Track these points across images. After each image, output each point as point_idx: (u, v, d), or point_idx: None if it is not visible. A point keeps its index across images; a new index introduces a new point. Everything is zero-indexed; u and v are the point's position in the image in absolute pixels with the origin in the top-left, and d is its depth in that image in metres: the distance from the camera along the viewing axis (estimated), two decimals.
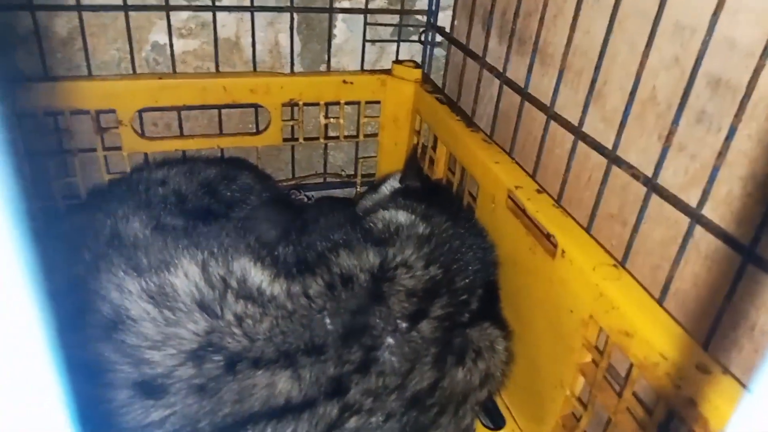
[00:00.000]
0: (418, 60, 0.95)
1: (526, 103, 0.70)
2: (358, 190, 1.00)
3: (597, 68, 0.59)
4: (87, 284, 0.54)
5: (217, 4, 0.83)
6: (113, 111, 0.81)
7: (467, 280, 0.61)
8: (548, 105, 0.65)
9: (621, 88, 0.57)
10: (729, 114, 0.46)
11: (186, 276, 0.53)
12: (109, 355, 0.49)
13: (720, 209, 0.48)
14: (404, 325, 0.55)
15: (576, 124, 0.61)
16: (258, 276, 0.55)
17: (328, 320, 0.53)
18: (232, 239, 0.60)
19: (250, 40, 0.86)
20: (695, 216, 0.48)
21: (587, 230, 0.59)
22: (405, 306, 0.56)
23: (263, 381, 0.49)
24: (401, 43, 0.95)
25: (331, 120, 0.91)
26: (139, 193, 0.69)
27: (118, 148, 0.83)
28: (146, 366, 0.48)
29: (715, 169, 0.47)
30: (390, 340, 0.54)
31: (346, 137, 0.94)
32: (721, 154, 0.46)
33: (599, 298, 0.51)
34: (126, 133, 0.82)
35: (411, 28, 0.94)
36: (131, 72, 0.84)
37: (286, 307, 0.52)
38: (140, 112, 0.85)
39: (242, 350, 0.49)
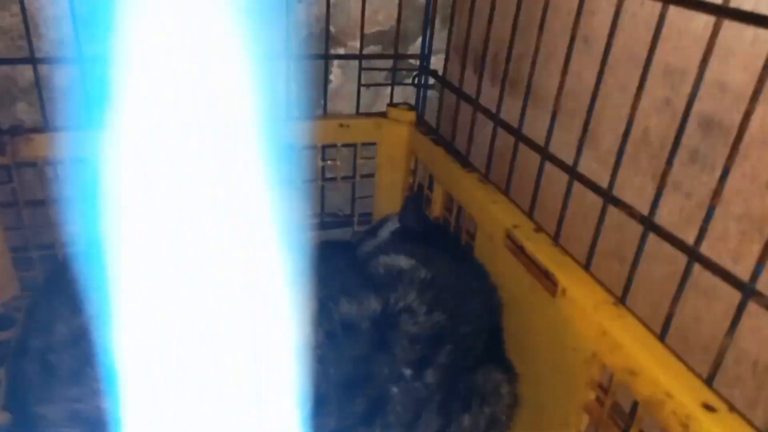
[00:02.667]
0: (413, 102, 0.97)
1: (521, 144, 0.71)
2: (355, 229, 1.01)
3: (589, 110, 0.60)
4: (90, 336, 0.54)
5: None
6: None
7: (472, 326, 0.61)
8: (542, 146, 0.67)
9: (614, 129, 0.59)
10: (722, 154, 0.47)
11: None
12: (110, 410, 0.49)
13: (717, 246, 0.49)
14: (409, 372, 0.55)
15: (570, 165, 0.62)
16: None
17: (328, 371, 0.53)
18: None
19: None
20: (693, 253, 0.49)
21: (586, 268, 0.60)
22: (409, 353, 0.56)
23: None
24: (395, 87, 0.97)
25: (328, 162, 0.92)
26: None
27: None
28: None
29: (711, 208, 0.48)
30: (394, 389, 0.54)
31: (342, 178, 0.95)
32: (716, 193, 0.47)
33: (602, 336, 0.52)
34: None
35: (405, 72, 0.97)
36: None
37: None
38: None
39: None
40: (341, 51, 0.91)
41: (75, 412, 0.51)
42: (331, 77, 0.93)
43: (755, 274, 0.45)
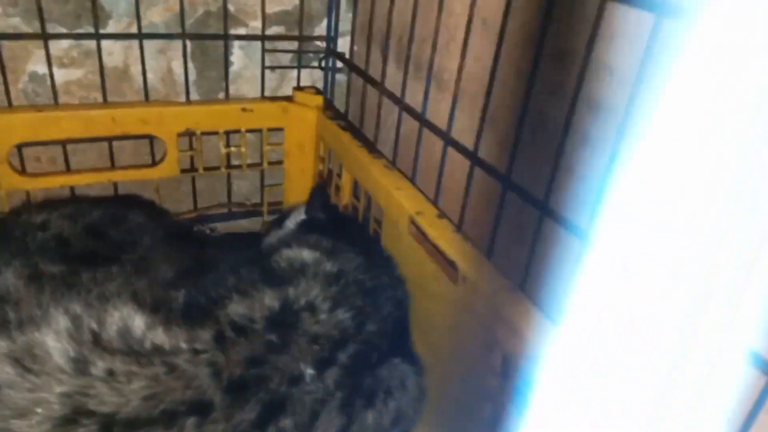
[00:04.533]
0: (320, 86, 0.94)
1: (426, 129, 0.70)
2: (265, 219, 0.97)
3: (488, 94, 0.59)
4: None
5: (102, 31, 0.78)
6: None
7: (377, 325, 0.59)
8: (445, 131, 0.65)
9: (512, 113, 0.58)
10: (611, 137, 0.47)
11: (56, 333, 0.48)
12: None
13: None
14: (308, 373, 0.53)
15: (472, 150, 0.62)
16: (140, 326, 0.51)
17: (214, 375, 0.49)
18: (118, 285, 0.56)
19: (140, 68, 0.82)
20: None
21: (488, 256, 0.59)
22: (308, 354, 0.53)
23: None
24: (302, 70, 0.93)
25: (233, 149, 0.88)
26: (15, 239, 0.63)
27: None
28: None
29: (604, 192, 0.48)
30: (291, 391, 0.51)
31: (249, 165, 0.91)
32: (609, 177, 0.47)
33: (501, 322, 0.51)
34: (3, 170, 0.75)
35: (311, 54, 0.93)
36: (6, 105, 0.77)
37: (169, 362, 0.49)
38: (19, 147, 0.78)
39: (115, 411, 0.45)
40: (242, 31, 0.86)
41: None
42: (233, 59, 0.88)
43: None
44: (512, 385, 0.52)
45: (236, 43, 0.87)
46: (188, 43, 0.84)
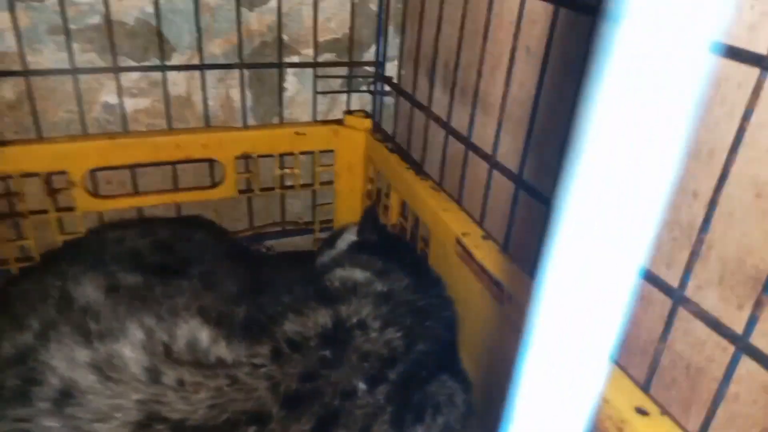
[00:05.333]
0: (369, 109, 0.97)
1: (471, 152, 0.72)
2: (316, 236, 1.01)
3: (532, 118, 0.61)
4: (36, 353, 0.53)
5: (167, 63, 0.84)
6: (64, 172, 0.80)
7: (427, 345, 0.61)
8: (490, 154, 0.68)
9: (556, 137, 0.60)
10: None
11: (132, 344, 0.53)
12: (57, 429, 0.48)
13: (651, 253, 0.50)
14: (360, 387, 0.55)
15: (516, 173, 0.63)
16: (206, 340, 0.55)
17: (272, 388, 0.52)
18: (186, 299, 0.60)
19: (201, 96, 0.88)
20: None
21: (533, 276, 0.61)
22: (359, 370, 0.56)
23: None
24: (352, 94, 0.97)
25: (287, 170, 0.93)
26: (92, 254, 0.69)
27: (72, 209, 0.82)
28: None
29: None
30: (344, 405, 0.54)
31: (302, 186, 0.95)
32: None
33: None
34: (79, 193, 0.82)
35: (360, 79, 0.97)
36: (81, 132, 0.84)
37: (232, 374, 0.52)
38: (92, 171, 0.85)
39: (184, 418, 0.49)
40: (295, 59, 0.91)
41: (21, 431, 0.50)
42: (286, 85, 0.93)
43: (683, 282, 0.46)
44: None
45: (290, 71, 0.92)
46: (245, 71, 0.89)
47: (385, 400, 0.56)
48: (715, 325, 0.45)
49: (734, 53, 0.41)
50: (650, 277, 0.49)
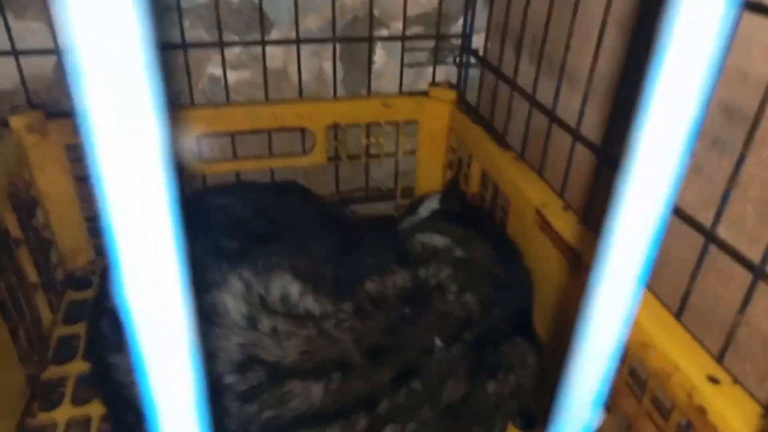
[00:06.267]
0: (454, 81, 1.00)
1: (554, 125, 0.73)
2: (398, 202, 1.06)
3: (618, 94, 0.62)
4: None
5: (266, 38, 0.90)
6: None
7: (502, 312, 0.64)
8: (574, 127, 0.69)
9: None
10: (741, 141, 0.49)
11: (233, 294, 0.59)
12: None
13: (735, 228, 0.51)
14: (438, 345, 0.59)
15: (599, 146, 0.65)
16: (296, 294, 0.61)
17: (355, 341, 0.57)
18: (279, 259, 0.66)
19: (296, 69, 0.93)
20: (709, 235, 0.52)
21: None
22: (437, 329, 0.60)
23: (298, 389, 0.54)
24: (437, 66, 1.00)
25: (372, 140, 0.97)
26: (201, 221, 0.76)
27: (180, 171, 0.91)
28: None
29: (727, 192, 0.50)
30: (422, 360, 0.58)
31: (386, 155, 1.00)
32: (733, 178, 0.49)
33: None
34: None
35: (446, 52, 0.99)
36: (190, 102, 0.92)
37: (319, 325, 0.58)
38: (198, 137, 0.93)
39: (278, 361, 0.55)
40: (385, 33, 0.94)
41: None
42: (375, 58, 0.97)
43: (766, 257, 0.47)
44: (629, 367, 0.55)
45: (379, 44, 0.96)
46: (338, 45, 0.93)
47: (461, 357, 0.60)
48: None
49: None
50: (731, 251, 0.50)
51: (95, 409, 0.69)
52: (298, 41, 0.91)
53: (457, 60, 0.97)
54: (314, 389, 0.55)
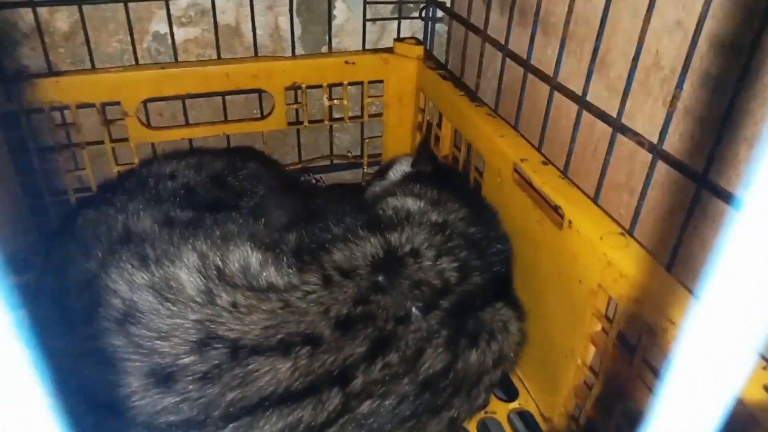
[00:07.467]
0: (420, 37, 0.94)
1: (530, 75, 0.69)
2: (365, 170, 1.00)
3: (599, 36, 0.58)
4: (100, 279, 0.55)
5: None
6: (118, 103, 0.81)
7: (482, 277, 0.60)
8: (551, 76, 0.64)
9: (624, 54, 0.56)
10: (733, 76, 0.45)
11: (187, 267, 0.54)
12: (122, 346, 0.51)
13: (727, 172, 0.47)
14: (414, 313, 0.55)
15: (580, 94, 0.60)
16: (257, 265, 0.55)
17: (323, 313, 0.53)
18: (237, 228, 0.61)
19: (250, 25, 0.86)
20: (702, 180, 0.48)
21: (594, 200, 0.59)
22: (412, 297, 0.56)
23: (265, 367, 0.50)
24: (402, 21, 0.94)
25: (335, 101, 0.91)
26: (149, 188, 0.69)
27: (126, 140, 0.83)
28: (156, 356, 0.49)
29: (719, 134, 0.46)
30: (397, 330, 0.54)
31: (350, 118, 0.94)
32: (725, 118, 0.45)
33: (607, 267, 0.51)
34: (132, 124, 0.83)
35: (411, 5, 0.93)
36: (134, 63, 0.84)
37: (284, 298, 0.53)
38: (145, 102, 0.86)
39: (240, 338, 0.50)
40: None
41: (88, 348, 0.52)
42: (336, 13, 0.90)
43: None
44: (617, 328, 0.52)
45: None
46: None
47: (439, 325, 0.56)
48: None
49: None
50: None
51: None
52: None
53: (423, 13, 0.92)
54: (281, 367, 0.50)
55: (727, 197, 0.46)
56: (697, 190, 0.49)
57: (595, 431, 0.56)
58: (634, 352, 0.50)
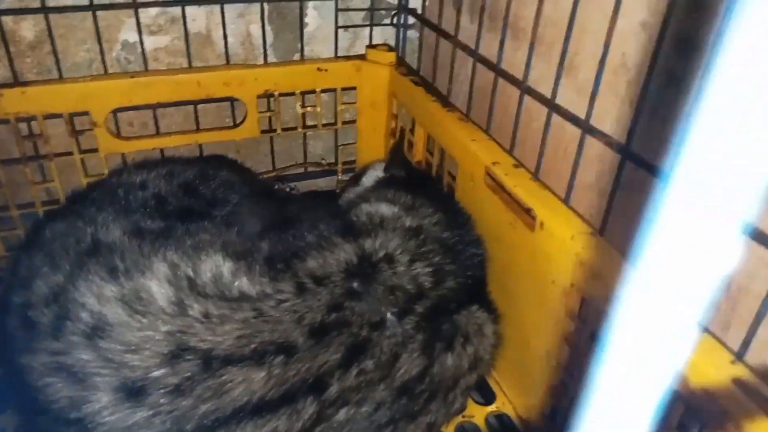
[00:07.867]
0: (392, 43, 0.94)
1: (501, 79, 0.69)
2: (340, 177, 1.00)
3: (567, 39, 0.58)
4: (68, 292, 0.54)
5: None
6: (87, 113, 0.80)
7: (457, 280, 0.60)
8: (521, 80, 0.65)
9: (592, 57, 0.57)
10: (698, 75, 0.46)
11: (157, 278, 0.53)
12: (91, 360, 0.49)
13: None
14: (389, 318, 0.55)
15: (549, 97, 0.61)
16: (229, 275, 0.55)
17: (296, 321, 0.52)
18: (209, 237, 0.60)
19: (221, 32, 0.85)
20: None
21: (565, 201, 0.59)
22: (387, 303, 0.55)
23: (238, 378, 0.49)
24: (374, 28, 0.94)
25: (308, 109, 0.91)
26: (119, 199, 0.68)
27: (95, 150, 0.82)
28: (126, 369, 0.48)
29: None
30: (372, 336, 0.54)
31: (324, 125, 0.94)
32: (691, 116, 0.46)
33: (579, 266, 0.52)
34: (101, 134, 0.81)
35: (383, 12, 0.94)
36: (103, 72, 0.83)
37: (257, 307, 0.52)
38: (115, 112, 0.84)
39: (212, 348, 0.49)
40: None
41: (58, 363, 0.51)
42: (307, 20, 0.90)
43: None
44: (590, 328, 0.52)
45: (310, 4, 0.89)
46: (266, 5, 0.86)
47: (414, 330, 0.55)
48: None
49: None
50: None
51: (7, 421, 0.61)
52: (222, 0, 0.83)
53: (395, 20, 0.92)
54: (255, 376, 0.49)
55: None
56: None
57: (572, 431, 0.56)
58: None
